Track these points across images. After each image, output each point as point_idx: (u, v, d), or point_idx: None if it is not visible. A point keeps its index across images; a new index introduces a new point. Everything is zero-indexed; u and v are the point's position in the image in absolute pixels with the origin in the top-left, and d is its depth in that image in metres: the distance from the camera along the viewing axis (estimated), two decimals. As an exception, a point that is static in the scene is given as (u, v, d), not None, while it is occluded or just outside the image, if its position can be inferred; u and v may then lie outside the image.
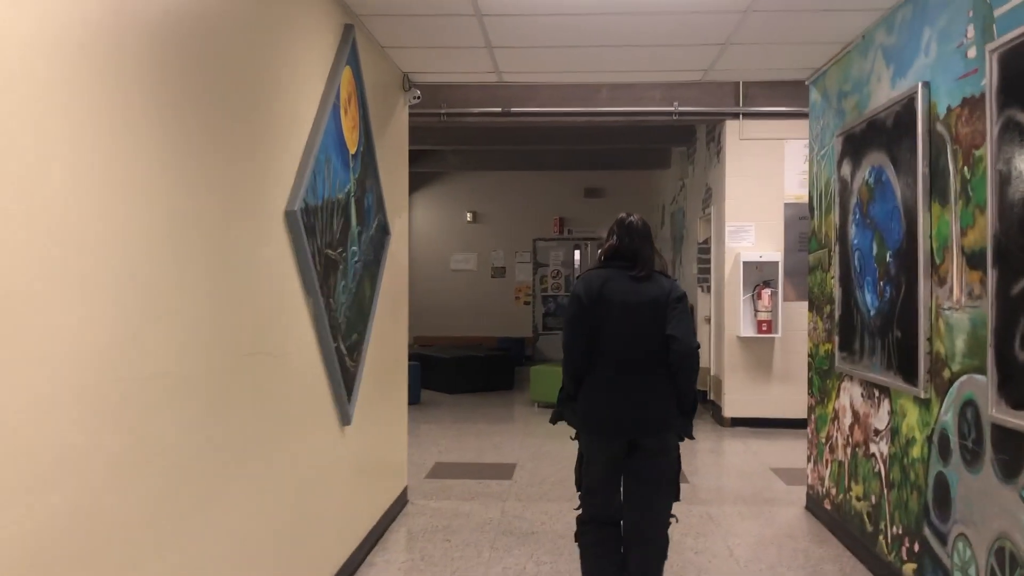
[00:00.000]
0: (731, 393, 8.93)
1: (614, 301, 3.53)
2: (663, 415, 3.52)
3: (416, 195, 16.03)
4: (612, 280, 3.57)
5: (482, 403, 10.63)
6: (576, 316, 3.58)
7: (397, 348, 5.75)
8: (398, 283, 5.71)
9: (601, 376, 3.54)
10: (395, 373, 5.73)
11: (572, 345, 3.60)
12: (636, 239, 3.63)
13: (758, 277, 8.82)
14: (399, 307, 5.77)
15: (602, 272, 3.63)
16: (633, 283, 3.55)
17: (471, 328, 15.88)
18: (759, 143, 8.88)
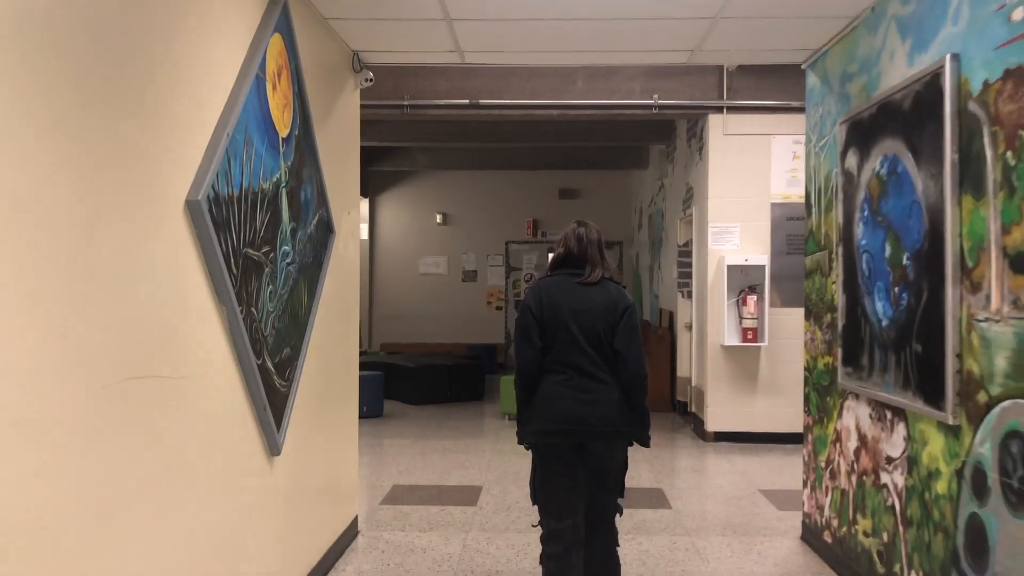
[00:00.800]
0: (714, 406, 8.36)
1: (564, 308, 3.56)
2: (612, 420, 3.54)
3: (383, 196, 15.38)
4: (561, 288, 3.62)
5: (449, 415, 10.00)
6: (527, 326, 3.61)
7: (346, 360, 5.11)
8: (347, 287, 5.08)
9: (552, 382, 3.56)
10: (344, 388, 5.09)
11: (524, 355, 3.62)
12: (585, 245, 3.67)
13: (743, 282, 8.26)
14: (348, 314, 5.13)
15: (552, 280, 3.68)
16: (582, 290, 3.60)
17: (441, 335, 15.25)
18: (744, 139, 8.33)
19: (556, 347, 3.57)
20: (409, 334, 15.28)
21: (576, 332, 3.54)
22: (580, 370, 3.55)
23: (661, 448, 8.07)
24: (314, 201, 4.20)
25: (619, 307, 3.59)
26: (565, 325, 3.55)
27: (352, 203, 5.21)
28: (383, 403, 9.98)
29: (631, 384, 3.56)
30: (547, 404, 3.56)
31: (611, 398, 3.55)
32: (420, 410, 10.37)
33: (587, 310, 3.56)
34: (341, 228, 4.80)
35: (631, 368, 3.54)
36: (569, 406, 3.53)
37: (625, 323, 3.58)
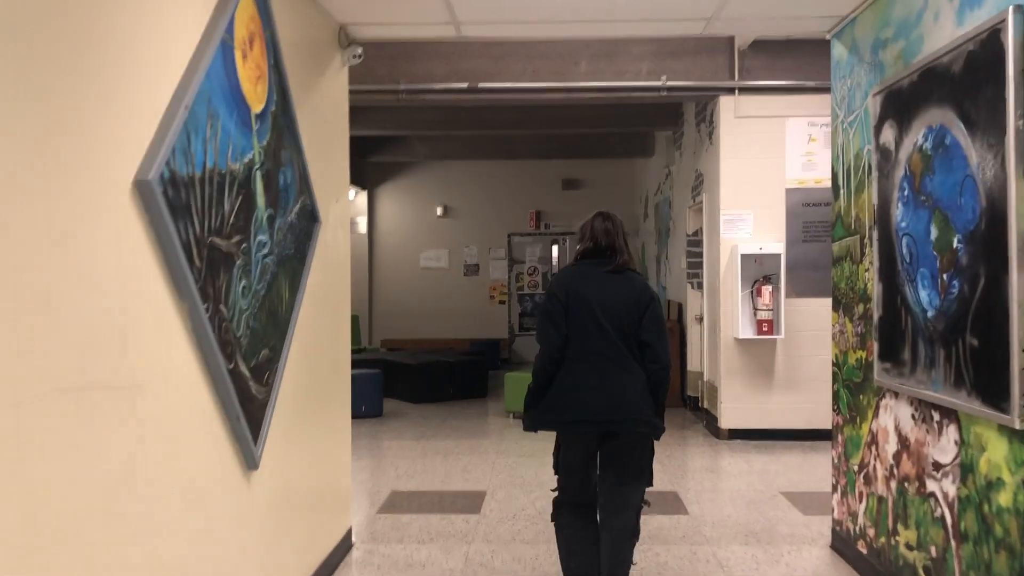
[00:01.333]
0: (728, 402, 7.96)
1: (591, 296, 3.57)
2: (638, 410, 3.56)
3: (382, 188, 14.99)
4: (588, 277, 3.63)
5: (452, 414, 9.61)
6: (552, 312, 3.61)
7: (337, 360, 4.73)
8: (337, 281, 4.69)
9: (576, 371, 3.56)
10: (334, 390, 4.70)
11: (548, 341, 3.60)
12: (613, 236, 3.69)
13: (757, 272, 7.86)
14: (338, 310, 4.74)
15: (578, 269, 3.71)
16: (608, 280, 3.62)
17: (442, 330, 14.86)
18: (757, 122, 7.92)
19: (580, 335, 3.57)
20: (410, 330, 14.89)
21: (603, 320, 3.55)
22: (605, 359, 3.55)
23: (673, 447, 7.68)
24: (295, 186, 3.81)
25: (644, 298, 3.62)
26: (592, 313, 3.56)
27: (341, 190, 4.82)
28: (382, 402, 9.59)
29: (659, 376, 3.61)
30: (571, 393, 3.55)
31: (637, 388, 3.56)
32: (421, 409, 9.99)
33: (614, 299, 3.58)
34: (328, 217, 4.40)
35: (661, 360, 3.60)
36: (595, 396, 3.53)
37: (651, 314, 3.61)
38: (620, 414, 3.54)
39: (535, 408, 3.65)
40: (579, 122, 10.37)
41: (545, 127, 10.45)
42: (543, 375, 3.62)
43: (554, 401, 3.58)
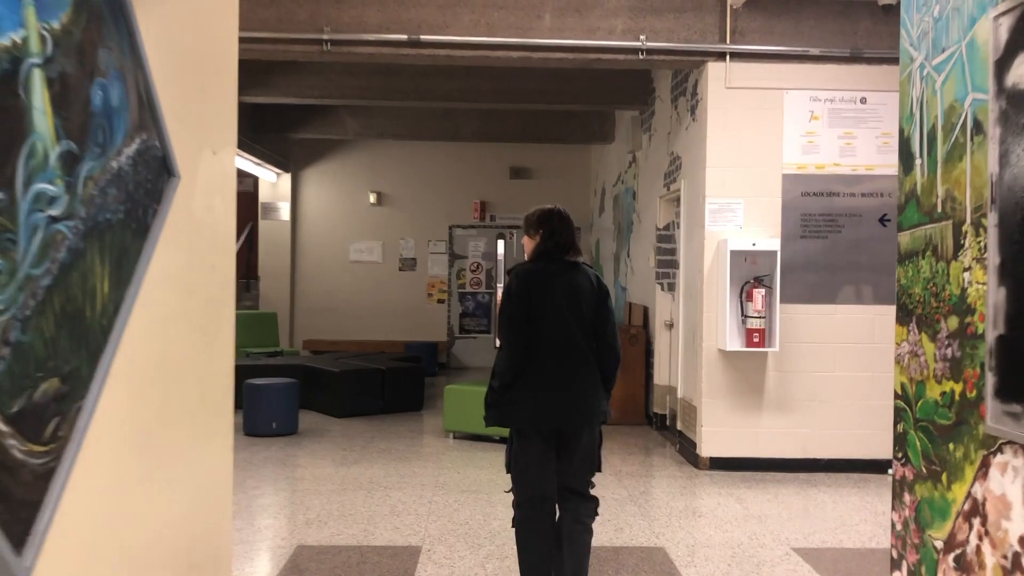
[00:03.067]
0: (711, 425, 6.72)
1: (554, 295, 3.65)
2: (595, 403, 3.69)
3: (307, 170, 13.47)
4: (549, 273, 3.68)
5: (381, 433, 8.20)
6: (515, 313, 3.64)
7: (209, 376, 3.30)
8: (213, 268, 3.26)
9: (543, 370, 3.61)
10: (204, 418, 3.27)
11: (513, 341, 3.63)
12: (568, 230, 3.75)
13: (748, 272, 6.64)
14: (215, 310, 3.31)
15: (537, 266, 3.72)
16: (569, 274, 3.69)
17: (373, 331, 13.41)
18: (751, 94, 6.70)
19: (546, 332, 3.62)
20: (337, 330, 13.41)
21: (568, 317, 3.64)
22: (570, 356, 3.64)
23: (646, 478, 6.42)
24: (128, 116, 2.39)
25: (601, 290, 3.74)
26: (559, 310, 3.64)
27: (224, 138, 3.39)
28: (298, 417, 8.14)
29: (613, 368, 3.76)
30: (539, 393, 3.60)
31: (595, 386, 3.69)
32: (345, 425, 8.55)
33: (575, 295, 3.66)
34: (198, 173, 2.98)
35: (615, 351, 3.75)
36: (562, 395, 3.63)
37: (607, 307, 3.75)
38: (581, 412, 3.66)
39: (498, 406, 3.67)
40: (534, 95, 9.06)
41: (496, 99, 9.10)
42: (508, 374, 3.63)
43: (521, 400, 3.61)
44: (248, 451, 7.23)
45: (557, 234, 3.73)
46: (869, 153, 6.71)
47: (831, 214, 6.71)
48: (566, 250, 3.73)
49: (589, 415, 3.67)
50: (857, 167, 6.71)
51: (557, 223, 3.74)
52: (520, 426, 3.67)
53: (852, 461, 6.69)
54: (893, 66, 6.72)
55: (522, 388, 3.61)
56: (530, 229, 3.79)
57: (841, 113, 6.71)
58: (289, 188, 13.35)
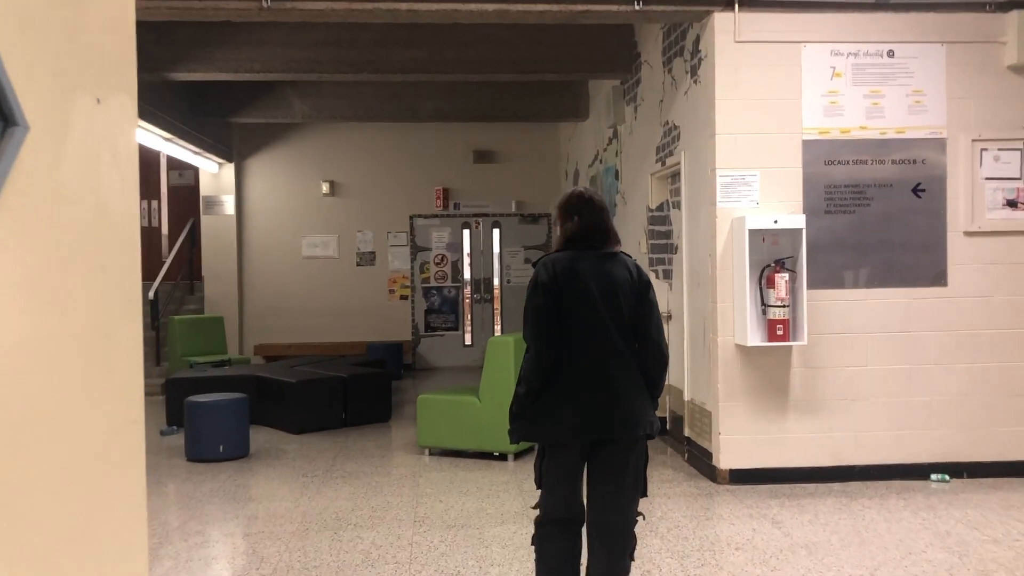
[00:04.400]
0: (730, 432, 5.83)
1: (587, 286, 3.24)
2: (640, 411, 3.22)
3: (253, 159, 12.37)
4: (580, 262, 3.28)
5: (345, 451, 7.18)
6: (543, 306, 3.23)
7: (114, 425, 2.28)
8: (109, 268, 2.24)
9: (577, 372, 3.21)
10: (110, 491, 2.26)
11: (540, 339, 3.21)
12: (602, 214, 3.36)
13: (768, 254, 5.75)
14: (114, 329, 2.29)
15: (567, 253, 3.32)
16: (603, 264, 3.30)
17: (331, 332, 12.36)
18: (764, 49, 5.80)
19: (578, 327, 3.22)
20: (292, 333, 12.33)
21: (602, 309, 3.23)
22: (607, 354, 3.21)
23: (660, 498, 5.51)
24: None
25: (642, 281, 3.32)
26: (591, 301, 3.23)
27: (115, 82, 2.36)
28: (248, 437, 7.08)
29: (659, 371, 3.32)
30: (573, 398, 3.19)
31: (638, 391, 3.23)
32: (304, 443, 7.52)
33: (612, 287, 3.25)
34: (69, 125, 1.96)
35: (660, 352, 3.30)
36: (598, 400, 3.18)
37: (649, 300, 3.31)
38: (624, 419, 3.19)
39: (525, 418, 3.25)
40: (503, 64, 8.08)
41: (461, 70, 8.10)
42: (537, 379, 3.21)
43: (552, 407, 3.21)
44: (191, 482, 6.18)
45: (585, 218, 3.33)
46: (899, 114, 5.85)
47: (858, 185, 5.84)
48: (598, 237, 3.32)
49: (634, 425, 3.20)
50: (886, 130, 5.85)
51: (583, 206, 3.35)
52: (553, 440, 3.26)
53: (890, 467, 5.85)
54: (923, 13, 5.86)
55: (553, 395, 3.21)
56: (559, 220, 3.43)
57: (866, 69, 5.84)
58: (233, 179, 12.23)
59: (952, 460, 5.87)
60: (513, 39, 8.01)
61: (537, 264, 3.34)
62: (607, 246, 3.33)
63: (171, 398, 8.16)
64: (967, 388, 5.88)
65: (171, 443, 7.53)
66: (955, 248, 5.88)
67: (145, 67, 7.82)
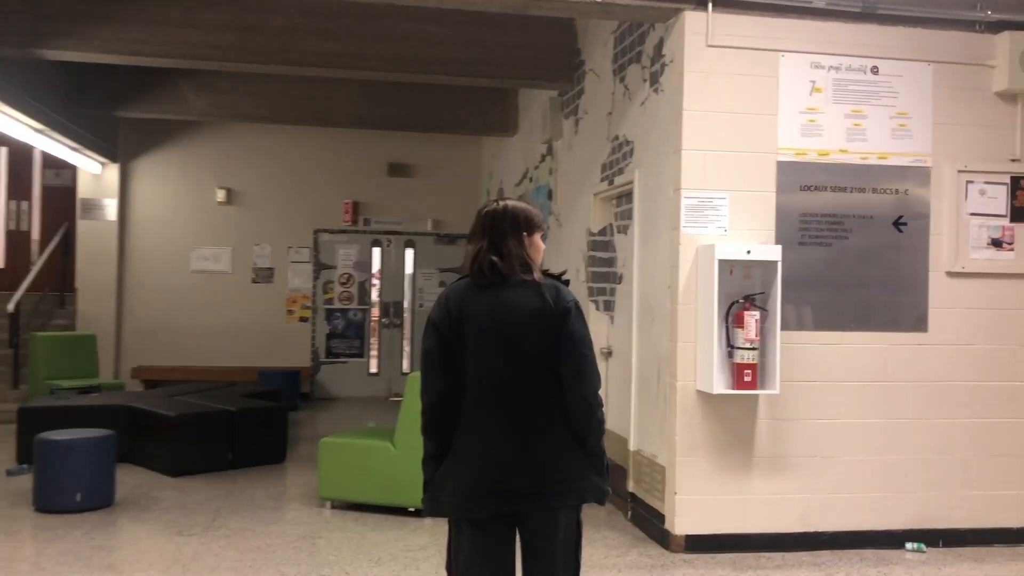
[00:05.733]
0: (687, 492, 5.05)
1: (480, 321, 2.70)
2: (562, 470, 2.67)
3: (140, 160, 11.15)
4: (474, 294, 2.74)
5: (231, 499, 6.11)
6: (434, 350, 2.73)
7: None
8: None
9: (475, 428, 2.68)
10: None
11: (429, 388, 2.73)
12: (497, 232, 2.76)
13: (737, 289, 5.02)
14: None
15: (462, 285, 2.79)
16: (504, 293, 2.71)
17: (221, 355, 11.17)
18: (739, 56, 5.12)
19: (478, 373, 2.70)
20: (176, 355, 11.07)
21: (500, 352, 2.69)
22: (508, 407, 2.68)
23: (608, 570, 4.67)
24: None
25: (557, 311, 2.68)
26: (485, 343, 2.69)
27: None
28: (114, 481, 5.94)
29: (583, 420, 2.70)
30: (467, 460, 2.68)
31: (559, 447, 2.69)
32: (182, 489, 6.40)
33: (513, 320, 2.69)
34: None
35: (582, 397, 2.69)
36: (496, 460, 2.66)
37: (568, 333, 2.67)
38: (537, 482, 2.64)
39: (429, 487, 2.74)
40: (431, 64, 7.22)
41: (382, 68, 7.19)
42: (428, 437, 2.74)
43: (452, 473, 2.68)
44: (36, 541, 5.05)
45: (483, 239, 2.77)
46: (882, 137, 5.24)
47: (836, 215, 5.19)
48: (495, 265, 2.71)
49: (551, 491, 2.66)
50: (868, 155, 5.23)
51: (488, 224, 2.79)
52: (456, 514, 2.74)
53: (862, 534, 5.17)
54: (911, 28, 5.27)
55: (452, 459, 2.71)
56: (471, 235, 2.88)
57: (848, 85, 5.21)
58: (117, 181, 10.96)
59: (928, 527, 5.24)
60: (444, 37, 7.17)
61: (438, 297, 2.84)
62: (499, 269, 2.70)
63: (24, 430, 6.91)
64: (945, 446, 5.27)
65: (20, 486, 6.30)
66: (937, 290, 5.28)
67: (9, 40, 6.64)
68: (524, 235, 2.77)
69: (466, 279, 2.78)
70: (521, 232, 2.77)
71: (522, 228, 2.78)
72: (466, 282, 2.77)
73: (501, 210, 2.79)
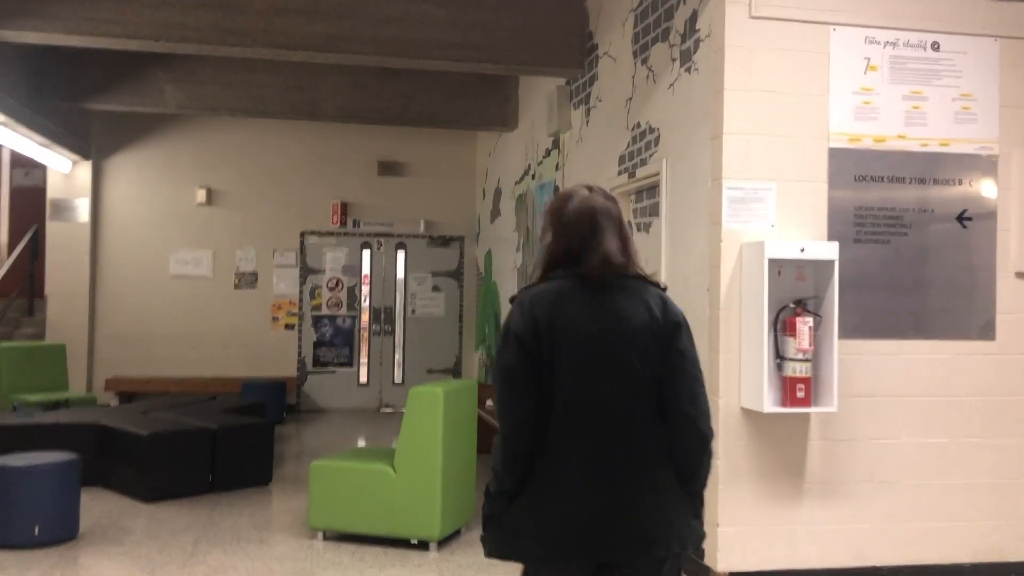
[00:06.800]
0: (731, 524, 4.45)
1: (576, 334, 2.23)
2: (667, 517, 2.23)
3: (114, 158, 10.48)
4: (568, 298, 2.27)
5: (211, 529, 5.46)
6: (514, 366, 2.24)
7: None
8: None
9: (563, 462, 2.22)
10: None
11: (511, 415, 2.24)
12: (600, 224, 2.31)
13: (787, 291, 4.43)
14: None
15: (549, 288, 2.29)
16: (607, 301, 2.27)
17: (202, 365, 10.51)
18: (785, 29, 4.54)
19: (569, 399, 2.22)
20: (153, 365, 10.39)
21: (603, 373, 2.22)
22: (608, 438, 2.22)
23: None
24: None
25: (666, 325, 2.27)
26: (586, 361, 2.22)
27: None
28: (79, 511, 5.28)
29: (696, 454, 2.27)
30: (555, 499, 2.22)
31: (664, 489, 2.24)
32: (157, 517, 5.75)
33: (619, 333, 2.24)
34: None
35: (696, 427, 2.25)
36: (592, 502, 2.20)
37: (679, 352, 2.26)
38: (640, 532, 2.21)
39: (498, 525, 2.27)
40: (430, 48, 6.61)
41: (377, 51, 6.57)
42: (507, 471, 2.24)
43: (536, 514, 2.23)
44: (-17, 586, 4.39)
45: (568, 231, 2.33)
46: (944, 122, 4.67)
47: (894, 208, 4.62)
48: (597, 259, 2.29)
49: (656, 539, 2.23)
50: (928, 141, 4.66)
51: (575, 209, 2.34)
52: (538, 561, 2.28)
53: (924, 569, 4.59)
54: (975, -2, 4.74)
55: (535, 496, 2.25)
56: (545, 232, 2.40)
57: (906, 63, 4.64)
58: (89, 180, 10.28)
59: (999, 560, 4.66)
60: (444, 19, 6.57)
61: (514, 301, 2.34)
62: (604, 269, 2.28)
63: (-19, 452, 6.23)
64: (1017, 469, 4.70)
65: (-27, 515, 5.62)
66: (1005, 293, 4.71)
67: (-39, 18, 5.98)
68: (621, 228, 2.35)
69: (553, 282, 2.30)
70: (618, 225, 2.34)
71: (617, 220, 2.35)
72: (554, 285, 2.29)
73: (593, 196, 2.35)
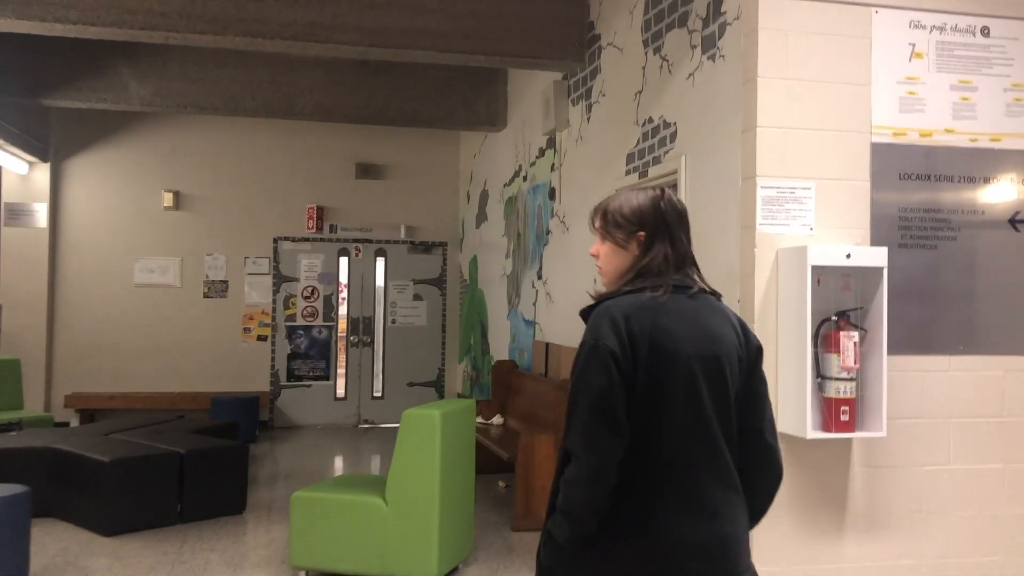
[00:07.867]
0: (767, 561, 3.97)
1: (682, 352, 1.95)
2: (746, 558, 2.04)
3: (75, 159, 9.85)
4: (662, 313, 1.98)
5: (178, 571, 4.90)
6: (608, 393, 1.90)
7: None
8: None
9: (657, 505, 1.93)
10: None
11: (603, 447, 1.90)
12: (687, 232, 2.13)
13: (825, 303, 3.97)
14: None
15: (646, 300, 2.00)
16: (700, 319, 2.01)
17: (168, 380, 9.90)
18: (824, 11, 4.09)
19: (664, 435, 1.94)
20: (116, 380, 9.76)
21: (708, 398, 1.96)
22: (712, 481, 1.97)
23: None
24: None
25: (750, 348, 2.06)
26: (691, 385, 1.94)
27: None
28: (29, 549, 4.69)
29: (771, 492, 2.13)
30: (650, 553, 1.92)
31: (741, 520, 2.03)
32: (118, 554, 5.17)
33: (715, 354, 1.98)
34: None
35: (778, 463, 2.10)
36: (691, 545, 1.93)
37: (761, 380, 2.07)
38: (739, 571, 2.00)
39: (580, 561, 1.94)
40: (418, 37, 6.12)
41: (360, 41, 6.06)
42: (591, 513, 1.91)
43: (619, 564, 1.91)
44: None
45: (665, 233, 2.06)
46: (995, 115, 4.24)
47: (941, 210, 4.18)
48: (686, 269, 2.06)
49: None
50: (978, 136, 4.23)
51: (663, 211, 2.08)
52: None
53: (978, 608, 4.15)
54: (1027, -20, 4.32)
55: (619, 542, 1.90)
56: (615, 230, 2.09)
57: (954, 50, 4.21)
58: (47, 183, 9.65)
59: (1058, 598, 4.23)
60: (434, 7, 6.09)
61: (593, 314, 2.00)
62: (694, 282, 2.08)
63: (-79, 481, 5.62)
64: (1075, 496, 4.28)
65: (-90, 554, 5.02)
66: (1061, 302, 4.29)
67: (-101, 0, 5.39)
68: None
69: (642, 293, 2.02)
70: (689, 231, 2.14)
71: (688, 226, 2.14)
72: (645, 296, 2.01)
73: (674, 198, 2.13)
